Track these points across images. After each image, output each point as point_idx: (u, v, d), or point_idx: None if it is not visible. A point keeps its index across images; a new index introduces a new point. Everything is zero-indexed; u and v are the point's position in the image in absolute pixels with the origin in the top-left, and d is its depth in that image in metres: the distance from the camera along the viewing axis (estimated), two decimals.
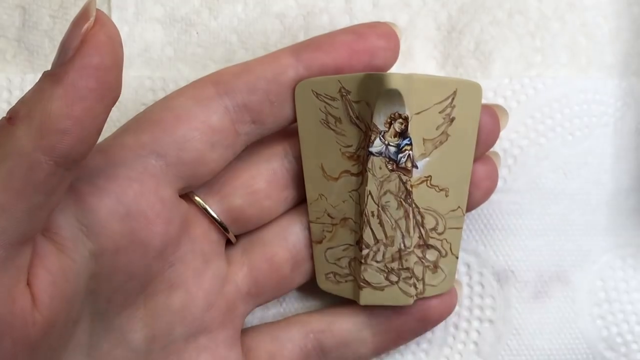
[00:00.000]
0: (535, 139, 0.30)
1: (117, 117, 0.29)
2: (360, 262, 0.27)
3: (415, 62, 0.30)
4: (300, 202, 0.28)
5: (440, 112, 0.26)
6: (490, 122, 0.27)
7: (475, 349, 0.30)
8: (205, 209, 0.26)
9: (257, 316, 0.30)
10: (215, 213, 0.27)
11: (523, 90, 0.30)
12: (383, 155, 0.26)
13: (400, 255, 0.27)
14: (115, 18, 0.29)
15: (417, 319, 0.28)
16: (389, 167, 0.26)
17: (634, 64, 0.30)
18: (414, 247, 0.27)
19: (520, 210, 0.30)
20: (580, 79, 0.30)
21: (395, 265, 0.27)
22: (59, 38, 0.29)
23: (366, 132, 0.26)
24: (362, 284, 0.27)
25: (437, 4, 0.30)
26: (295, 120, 0.27)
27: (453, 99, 0.26)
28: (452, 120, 0.26)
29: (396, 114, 0.25)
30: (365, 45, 0.26)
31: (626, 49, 0.30)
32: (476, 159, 0.27)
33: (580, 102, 0.30)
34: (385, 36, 0.26)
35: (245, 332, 0.28)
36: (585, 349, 0.30)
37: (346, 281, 0.28)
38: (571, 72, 0.30)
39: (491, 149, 0.28)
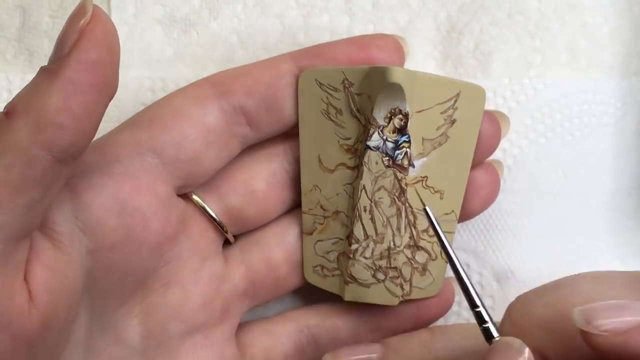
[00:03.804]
0: (535, 139, 0.30)
1: (117, 117, 0.29)
2: (349, 257, 0.27)
3: (415, 61, 0.30)
4: (299, 203, 0.28)
5: (441, 113, 0.26)
6: (491, 129, 0.27)
7: None
8: (204, 208, 0.26)
9: (256, 316, 0.30)
10: (214, 212, 0.27)
11: (523, 91, 0.30)
12: (380, 150, 0.26)
13: (389, 254, 0.27)
14: (114, 18, 0.29)
15: (412, 317, 0.28)
16: (385, 162, 0.26)
17: (634, 64, 0.30)
18: (404, 247, 0.27)
19: (520, 210, 0.30)
20: (580, 79, 0.30)
21: (383, 263, 0.27)
22: None
23: (365, 126, 0.26)
24: (348, 279, 0.27)
25: (436, 4, 0.30)
26: (293, 125, 0.27)
27: (456, 100, 0.26)
28: (453, 122, 0.26)
29: (397, 109, 0.25)
30: (365, 57, 0.26)
31: (626, 49, 0.30)
32: (477, 166, 0.27)
33: (580, 102, 0.30)
34: (387, 49, 0.26)
35: (240, 327, 0.28)
36: None
37: (333, 275, 0.28)
38: (571, 73, 0.30)
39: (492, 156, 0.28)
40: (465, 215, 0.27)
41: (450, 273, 0.30)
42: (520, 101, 0.30)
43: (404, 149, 0.26)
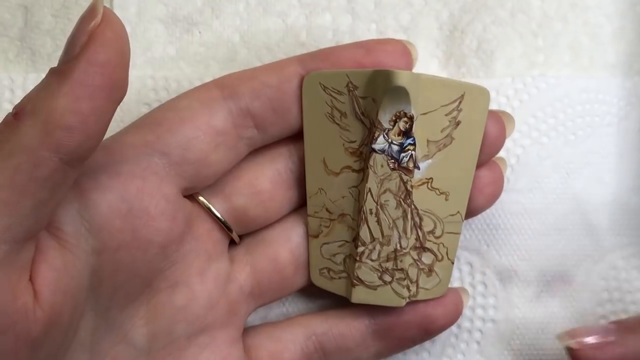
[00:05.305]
0: (538, 138, 0.30)
1: (119, 117, 0.29)
2: (355, 260, 0.27)
3: (418, 61, 0.30)
4: (304, 203, 0.28)
5: (446, 115, 0.26)
6: (496, 129, 0.27)
7: (478, 348, 0.30)
8: (209, 209, 0.26)
9: (259, 316, 0.30)
10: (219, 212, 0.27)
11: (525, 90, 0.30)
12: (385, 153, 0.26)
13: (395, 256, 0.27)
14: None
15: (420, 326, 0.28)
16: (391, 165, 0.26)
17: (637, 63, 0.30)
18: (410, 248, 0.27)
19: (523, 209, 0.30)
20: (583, 78, 0.30)
21: (389, 265, 0.27)
22: (61, 37, 0.29)
23: (370, 129, 0.26)
24: (355, 281, 0.27)
25: (439, 3, 0.30)
26: (300, 127, 0.27)
27: (460, 102, 0.26)
28: (457, 123, 0.26)
29: (402, 112, 0.25)
30: (373, 61, 0.26)
31: (629, 48, 0.30)
32: (481, 164, 0.27)
33: (583, 101, 0.30)
34: (394, 53, 0.26)
35: (247, 331, 0.28)
36: None
37: (340, 278, 0.28)
38: (574, 72, 0.30)
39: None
40: (469, 212, 0.27)
41: (455, 280, 0.30)
42: (523, 100, 0.30)
43: (410, 151, 0.26)
